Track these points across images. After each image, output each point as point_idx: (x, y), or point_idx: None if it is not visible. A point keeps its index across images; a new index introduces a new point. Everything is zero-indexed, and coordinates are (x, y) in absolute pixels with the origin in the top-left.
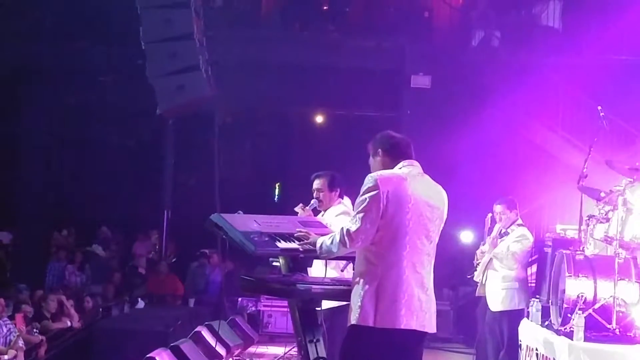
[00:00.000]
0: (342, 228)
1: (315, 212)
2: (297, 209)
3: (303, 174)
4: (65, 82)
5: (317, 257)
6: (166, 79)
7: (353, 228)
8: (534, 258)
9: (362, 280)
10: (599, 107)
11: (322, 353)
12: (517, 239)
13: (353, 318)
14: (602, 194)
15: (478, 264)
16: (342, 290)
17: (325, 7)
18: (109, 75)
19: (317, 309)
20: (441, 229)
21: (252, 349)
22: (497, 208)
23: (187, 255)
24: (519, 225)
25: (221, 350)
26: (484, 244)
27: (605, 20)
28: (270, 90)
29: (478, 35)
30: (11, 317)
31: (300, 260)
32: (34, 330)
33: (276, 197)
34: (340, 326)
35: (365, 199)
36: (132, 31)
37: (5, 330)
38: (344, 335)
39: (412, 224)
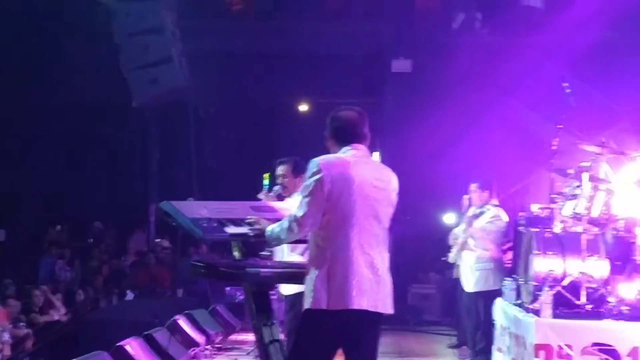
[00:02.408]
0: (290, 214)
1: (280, 198)
2: (261, 195)
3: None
4: (53, 80)
5: (270, 244)
6: (139, 71)
7: (300, 213)
8: (509, 239)
9: (313, 265)
10: (565, 84)
11: (277, 335)
12: (491, 220)
13: (307, 302)
14: (570, 171)
15: (452, 245)
16: (292, 273)
17: None
18: (94, 71)
19: (273, 293)
20: (391, 211)
21: (234, 337)
22: (472, 187)
23: (183, 247)
24: (494, 205)
25: (199, 338)
26: (458, 226)
27: None
28: (251, 81)
29: (459, 18)
30: None
31: (253, 245)
32: (20, 323)
33: (265, 187)
34: (298, 315)
35: (310, 183)
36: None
37: None
38: (300, 322)
39: (359, 205)
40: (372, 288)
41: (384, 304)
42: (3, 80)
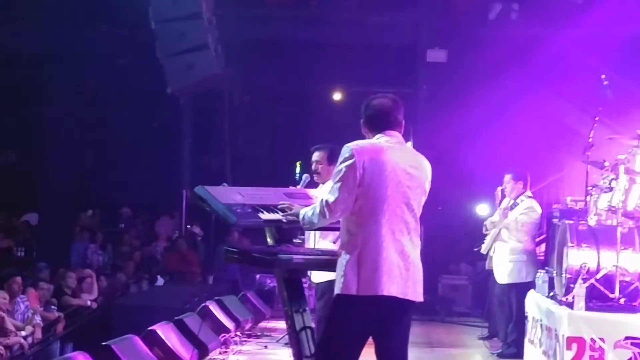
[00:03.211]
0: (322, 199)
1: (309, 187)
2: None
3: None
4: (86, 66)
5: (304, 228)
6: (176, 58)
7: (331, 199)
8: (542, 232)
9: (344, 251)
10: (603, 76)
11: (309, 323)
12: (524, 211)
13: (337, 288)
14: (607, 164)
15: (487, 234)
16: (325, 261)
17: None
18: (128, 58)
19: (305, 280)
20: (424, 198)
21: (264, 324)
22: (505, 178)
23: (216, 234)
24: (528, 197)
25: (230, 324)
26: (491, 217)
27: None
28: (286, 69)
29: (496, 8)
30: None
31: (286, 231)
32: (52, 307)
33: (297, 175)
34: (329, 301)
35: (342, 169)
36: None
37: (23, 307)
38: (330, 309)
39: (391, 191)
40: (402, 275)
41: (414, 292)
42: (37, 65)
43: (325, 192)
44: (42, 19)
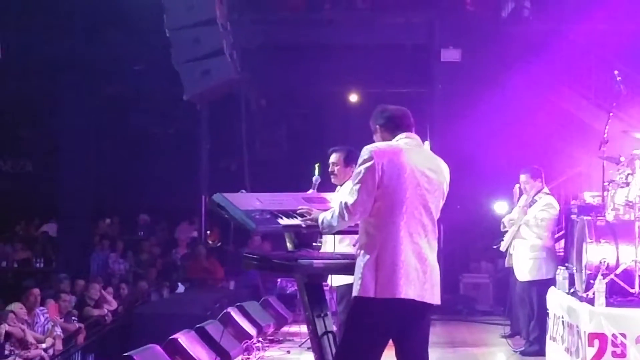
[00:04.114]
0: (341, 202)
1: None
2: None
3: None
4: (101, 73)
5: (323, 232)
6: (191, 64)
7: (350, 201)
8: (561, 228)
9: (362, 252)
10: (616, 72)
11: (330, 327)
12: (544, 208)
13: (355, 290)
14: (622, 159)
15: (506, 232)
16: (345, 265)
17: None
18: (144, 65)
19: (325, 284)
20: (442, 201)
21: (286, 329)
22: (522, 177)
23: (236, 239)
24: (545, 194)
25: (251, 330)
26: (509, 214)
27: None
28: (301, 72)
29: (508, 6)
30: None
31: (305, 236)
32: (72, 318)
33: (316, 176)
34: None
35: (361, 171)
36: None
37: (43, 319)
38: (350, 311)
39: (409, 193)
40: (419, 278)
41: (432, 295)
42: (53, 74)
43: (343, 194)
44: (58, 27)
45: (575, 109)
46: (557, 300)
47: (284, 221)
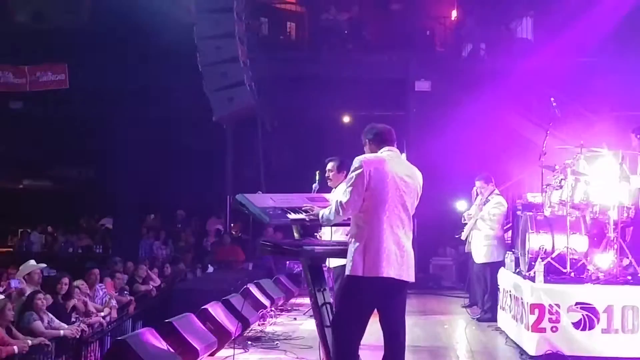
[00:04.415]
0: (337, 200)
1: (324, 188)
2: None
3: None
4: (148, 99)
5: (322, 225)
6: (219, 93)
7: (344, 200)
8: (509, 221)
9: (353, 240)
10: (552, 99)
11: (328, 299)
12: (495, 205)
13: (347, 270)
14: (557, 167)
15: (465, 224)
16: (340, 250)
17: (346, 32)
18: (181, 92)
19: (324, 265)
20: (417, 201)
21: (293, 301)
22: (478, 183)
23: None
24: (496, 194)
25: (266, 301)
26: (468, 210)
27: (566, 31)
28: (305, 99)
29: (467, 47)
30: None
31: (308, 228)
32: (125, 292)
33: (317, 181)
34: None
35: (353, 176)
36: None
37: (101, 293)
38: (342, 287)
39: (390, 195)
40: (398, 261)
41: (407, 274)
42: (110, 99)
43: (337, 194)
44: (115, 61)
45: (520, 128)
46: (505, 278)
47: (292, 216)
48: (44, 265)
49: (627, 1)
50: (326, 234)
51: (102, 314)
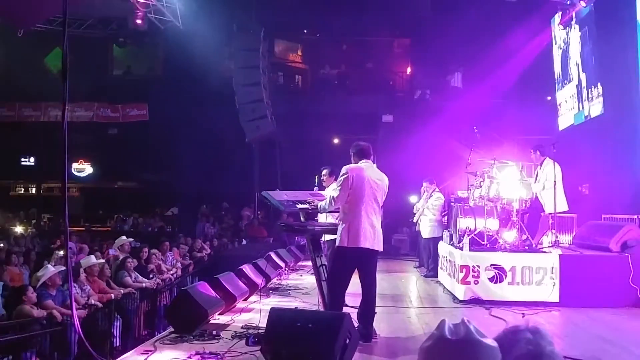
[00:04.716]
0: (330, 196)
1: (321, 187)
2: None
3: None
4: (203, 127)
5: (319, 212)
6: (249, 123)
7: (335, 195)
8: (446, 209)
9: (341, 222)
10: (475, 128)
11: (323, 262)
12: (436, 199)
13: (337, 243)
14: (478, 173)
15: (415, 213)
16: (332, 229)
17: (336, 82)
18: (226, 122)
19: (321, 239)
20: (384, 196)
21: (300, 263)
22: (424, 184)
23: (274, 216)
24: (437, 191)
25: (282, 263)
26: (418, 202)
27: (484, 82)
28: (307, 127)
29: (417, 92)
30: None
31: (311, 214)
32: (186, 257)
33: (316, 183)
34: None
35: (341, 179)
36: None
37: (170, 258)
38: (334, 254)
39: (366, 192)
40: (371, 236)
41: (378, 246)
42: (178, 127)
43: (330, 192)
44: (180, 100)
45: (453, 147)
46: (443, 248)
47: (299, 206)
48: (132, 239)
49: (525, 62)
50: (322, 218)
51: (171, 272)
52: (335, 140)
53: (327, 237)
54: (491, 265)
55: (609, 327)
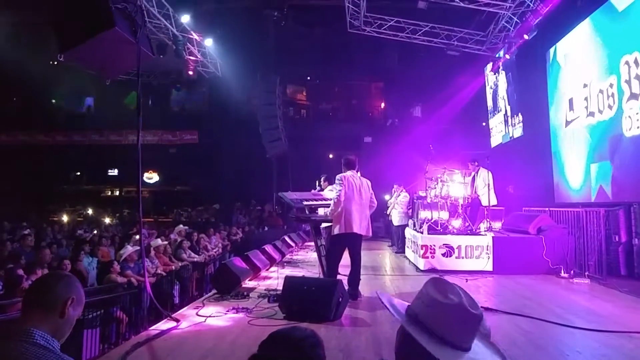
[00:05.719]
0: (334, 198)
1: (320, 190)
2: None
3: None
4: (237, 149)
5: (330, 215)
6: (270, 143)
7: (336, 197)
8: (410, 205)
9: (337, 214)
10: (430, 146)
11: (323, 243)
12: (404, 197)
13: (333, 230)
14: (434, 178)
15: (389, 207)
16: (328, 219)
17: (330, 113)
18: (252, 142)
19: (321, 226)
20: (370, 196)
21: (306, 244)
22: (395, 186)
23: (287, 210)
24: (404, 191)
25: (293, 244)
26: (390, 199)
27: (437, 112)
28: (310, 146)
29: (390, 121)
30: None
31: (314, 209)
32: (225, 239)
33: (318, 187)
34: (330, 234)
35: (338, 184)
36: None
37: (214, 240)
38: (331, 237)
39: (356, 194)
40: (361, 224)
41: (367, 231)
42: (219, 151)
43: (327, 192)
44: (223, 128)
45: (416, 160)
46: (409, 232)
47: (305, 203)
48: (187, 227)
49: (466, 98)
50: (321, 212)
51: (214, 250)
52: (330, 155)
53: (324, 224)
54: (443, 244)
55: (529, 289)
